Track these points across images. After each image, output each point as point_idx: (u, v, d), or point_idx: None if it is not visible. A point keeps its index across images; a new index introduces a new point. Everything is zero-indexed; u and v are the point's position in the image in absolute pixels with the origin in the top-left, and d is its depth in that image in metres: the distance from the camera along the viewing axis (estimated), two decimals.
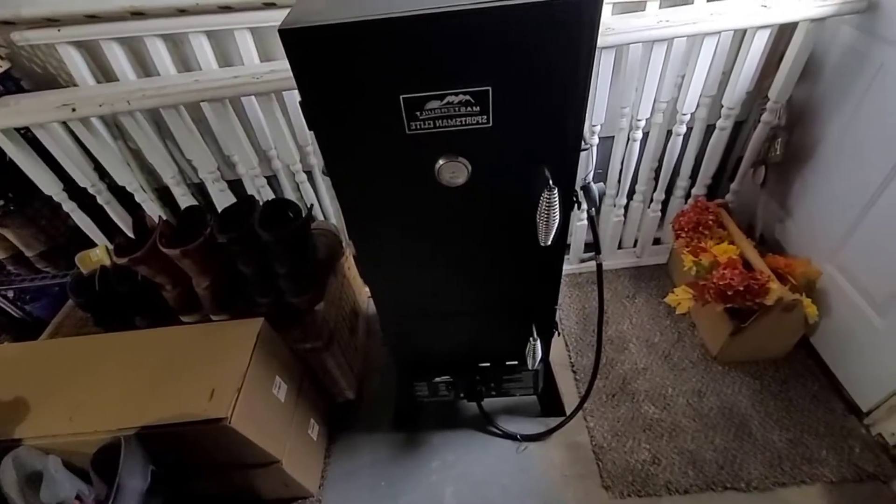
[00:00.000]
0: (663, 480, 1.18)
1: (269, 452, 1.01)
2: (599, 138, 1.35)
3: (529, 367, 1.08)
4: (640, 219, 1.64)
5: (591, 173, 0.88)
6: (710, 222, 1.40)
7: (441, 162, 0.71)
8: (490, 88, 0.63)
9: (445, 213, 0.80)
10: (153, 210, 1.47)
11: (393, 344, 1.13)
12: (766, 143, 1.34)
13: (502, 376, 1.19)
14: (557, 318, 1.11)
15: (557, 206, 0.72)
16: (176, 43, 1.30)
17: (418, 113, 0.65)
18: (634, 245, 1.74)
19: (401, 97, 0.63)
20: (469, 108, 0.65)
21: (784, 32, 1.25)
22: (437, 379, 1.20)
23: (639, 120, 1.30)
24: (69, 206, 1.38)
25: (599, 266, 1.00)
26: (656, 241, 1.73)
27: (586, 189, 0.89)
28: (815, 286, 1.31)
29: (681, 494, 1.16)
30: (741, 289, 1.17)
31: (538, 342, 1.04)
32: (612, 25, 1.10)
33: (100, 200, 1.39)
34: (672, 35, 1.11)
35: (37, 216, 1.46)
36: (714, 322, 1.38)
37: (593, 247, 0.95)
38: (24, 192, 1.37)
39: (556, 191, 0.71)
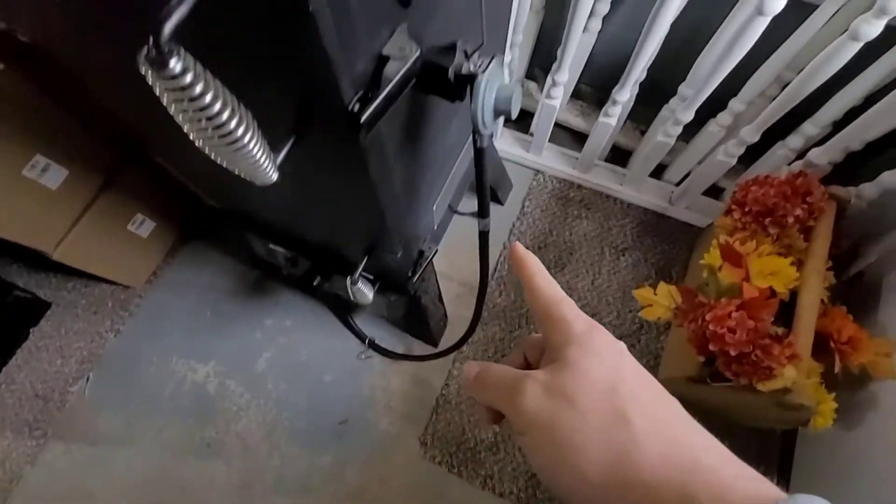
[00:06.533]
0: (486, 473, 0.96)
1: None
2: None
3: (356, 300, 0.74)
4: (704, 154, 1.01)
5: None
6: (790, 219, 0.80)
7: None
8: None
9: None
10: None
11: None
12: None
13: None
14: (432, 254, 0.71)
15: None
16: None
17: None
18: (679, 184, 1.15)
19: None
20: None
21: None
22: (273, 246, 0.89)
23: None
24: None
25: (483, 234, 0.55)
26: (712, 191, 1.12)
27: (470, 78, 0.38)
28: (868, 383, 0.81)
29: (495, 496, 0.95)
30: (733, 354, 0.69)
31: (359, 286, 0.67)
32: None
33: None
34: None
35: None
36: (682, 349, 0.94)
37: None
38: None
39: None
